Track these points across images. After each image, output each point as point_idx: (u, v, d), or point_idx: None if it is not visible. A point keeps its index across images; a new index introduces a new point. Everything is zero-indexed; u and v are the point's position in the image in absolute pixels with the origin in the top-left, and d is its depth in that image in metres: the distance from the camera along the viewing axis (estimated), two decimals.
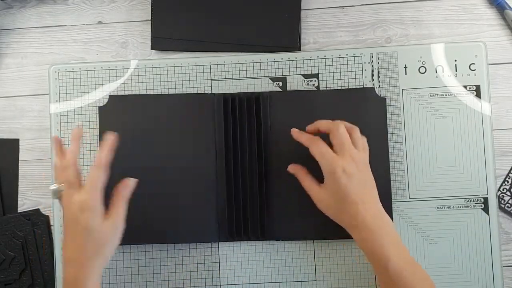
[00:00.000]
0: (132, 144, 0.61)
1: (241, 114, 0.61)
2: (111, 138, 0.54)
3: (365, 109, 0.61)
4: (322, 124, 0.56)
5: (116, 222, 0.52)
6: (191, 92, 0.63)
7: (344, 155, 0.53)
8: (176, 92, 0.63)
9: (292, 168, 0.58)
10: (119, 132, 0.60)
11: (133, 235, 0.58)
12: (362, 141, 0.56)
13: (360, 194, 0.53)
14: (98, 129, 0.62)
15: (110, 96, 0.62)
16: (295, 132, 0.57)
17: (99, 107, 0.62)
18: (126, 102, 0.62)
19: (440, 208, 0.61)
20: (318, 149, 0.54)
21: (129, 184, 0.54)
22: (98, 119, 0.62)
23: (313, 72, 0.63)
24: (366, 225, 0.52)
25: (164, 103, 0.62)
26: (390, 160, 0.61)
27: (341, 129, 0.54)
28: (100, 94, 0.63)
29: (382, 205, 0.57)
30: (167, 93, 0.63)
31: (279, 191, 0.60)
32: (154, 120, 0.61)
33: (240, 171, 0.61)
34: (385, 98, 0.61)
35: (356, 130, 0.56)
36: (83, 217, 0.50)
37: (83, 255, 0.50)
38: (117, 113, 0.62)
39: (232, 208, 0.60)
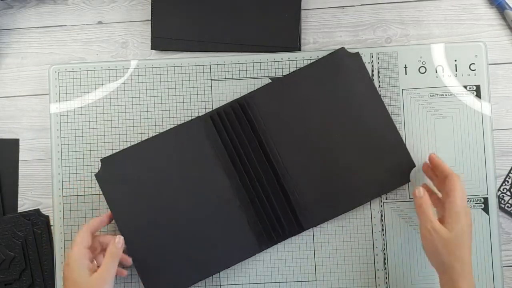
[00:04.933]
0: (142, 196, 0.60)
1: (233, 125, 0.61)
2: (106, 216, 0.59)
3: (345, 72, 0.61)
4: (441, 167, 0.56)
5: (103, 276, 0.53)
6: (191, 94, 0.63)
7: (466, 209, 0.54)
8: (176, 93, 0.63)
9: (421, 193, 0.55)
10: (125, 189, 0.59)
11: (180, 278, 0.58)
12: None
13: (468, 244, 0.54)
14: (102, 196, 0.60)
15: (102, 160, 0.60)
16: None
17: (95, 175, 0.60)
18: (119, 160, 0.61)
19: None
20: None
21: (118, 242, 0.56)
22: (99, 187, 0.60)
23: None
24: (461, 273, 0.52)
25: (155, 146, 0.61)
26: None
27: (461, 192, 0.54)
28: (100, 94, 0.63)
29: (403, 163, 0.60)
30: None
31: (297, 181, 0.60)
32: (153, 165, 0.60)
33: (255, 178, 0.60)
34: (358, 52, 0.61)
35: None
36: (68, 271, 0.54)
37: None
38: (114, 174, 0.60)
39: (261, 215, 0.60)
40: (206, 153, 0.60)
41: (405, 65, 0.62)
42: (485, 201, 0.61)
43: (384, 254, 0.61)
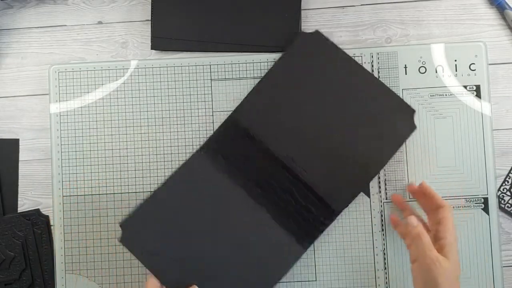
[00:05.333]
0: (173, 244, 0.59)
1: (235, 145, 0.60)
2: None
3: (314, 53, 0.61)
4: (435, 197, 0.55)
5: None
6: (191, 94, 0.63)
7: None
8: (176, 93, 0.63)
9: (416, 222, 0.53)
10: (154, 243, 0.58)
11: None
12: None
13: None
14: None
15: (121, 225, 0.59)
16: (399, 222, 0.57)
17: (120, 241, 0.58)
18: (137, 220, 0.59)
19: None
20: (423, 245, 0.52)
21: None
22: (129, 249, 0.58)
23: None
24: None
25: (167, 194, 0.60)
26: (389, 160, 0.61)
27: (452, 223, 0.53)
28: (100, 94, 0.63)
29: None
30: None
31: (315, 172, 0.59)
32: (173, 212, 0.59)
33: (276, 186, 0.60)
34: (317, 30, 0.61)
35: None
36: None
37: None
38: (137, 233, 0.59)
39: (292, 215, 0.59)
40: (220, 181, 0.60)
41: (405, 65, 0.62)
42: (485, 201, 0.61)
43: (384, 254, 0.61)
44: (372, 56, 0.63)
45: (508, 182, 0.62)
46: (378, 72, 0.62)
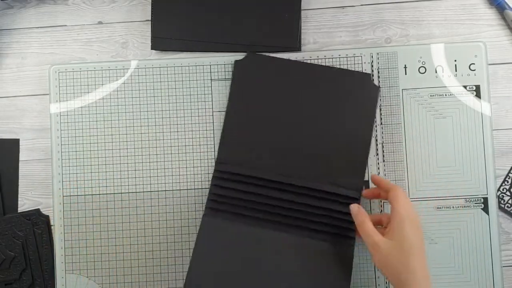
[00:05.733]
0: None
1: (235, 193, 0.60)
2: None
3: (257, 73, 0.62)
4: (383, 183, 0.56)
5: None
6: (191, 94, 0.63)
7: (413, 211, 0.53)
8: (176, 93, 0.63)
9: (356, 210, 0.56)
10: None
11: None
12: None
13: (419, 256, 0.51)
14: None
15: None
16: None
17: None
18: None
19: (440, 208, 0.61)
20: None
21: None
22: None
23: None
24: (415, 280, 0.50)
25: (202, 265, 0.59)
26: (389, 160, 0.61)
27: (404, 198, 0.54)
28: (100, 94, 0.63)
29: None
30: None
31: (315, 175, 0.60)
32: (222, 281, 0.59)
33: (292, 207, 0.60)
34: (246, 53, 0.62)
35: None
36: None
37: None
38: None
39: (322, 224, 0.59)
40: (240, 232, 0.59)
41: (405, 65, 0.62)
42: (485, 201, 0.61)
43: None
44: (372, 56, 0.63)
45: (507, 182, 0.62)
46: (378, 72, 0.62)
